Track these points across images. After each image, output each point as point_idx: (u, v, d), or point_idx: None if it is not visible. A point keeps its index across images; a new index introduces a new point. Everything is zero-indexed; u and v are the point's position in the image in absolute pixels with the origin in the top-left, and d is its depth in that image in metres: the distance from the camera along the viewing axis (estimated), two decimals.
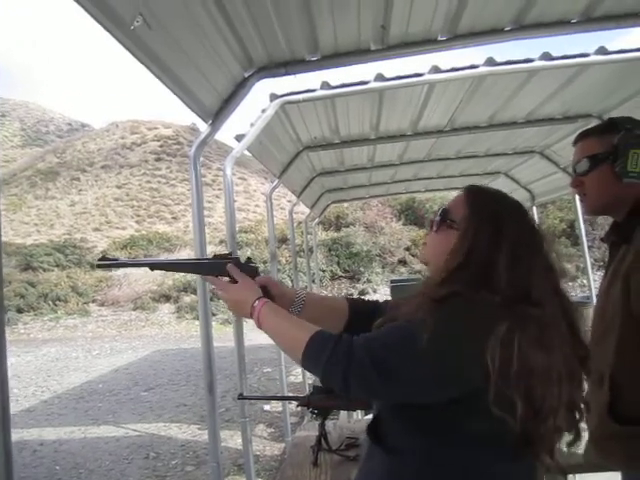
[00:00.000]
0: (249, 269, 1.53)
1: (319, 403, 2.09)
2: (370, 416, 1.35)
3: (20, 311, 19.61)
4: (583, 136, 1.69)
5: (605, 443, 1.50)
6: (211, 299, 2.44)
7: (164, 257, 24.33)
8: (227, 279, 1.50)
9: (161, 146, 39.91)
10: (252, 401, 6.20)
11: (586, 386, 1.22)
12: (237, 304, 1.42)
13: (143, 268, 1.67)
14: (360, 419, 3.53)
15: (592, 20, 2.42)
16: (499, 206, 1.24)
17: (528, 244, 1.17)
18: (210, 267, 1.56)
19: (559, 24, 2.46)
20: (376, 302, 1.64)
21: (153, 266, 1.64)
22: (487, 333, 1.03)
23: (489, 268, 1.13)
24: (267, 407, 7.18)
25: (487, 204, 1.24)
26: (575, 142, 1.71)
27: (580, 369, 1.15)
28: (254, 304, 1.35)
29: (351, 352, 1.11)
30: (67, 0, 1.52)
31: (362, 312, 1.53)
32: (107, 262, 1.57)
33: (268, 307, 1.34)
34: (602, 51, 2.82)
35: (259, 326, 1.34)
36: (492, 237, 1.16)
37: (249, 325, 1.82)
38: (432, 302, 1.11)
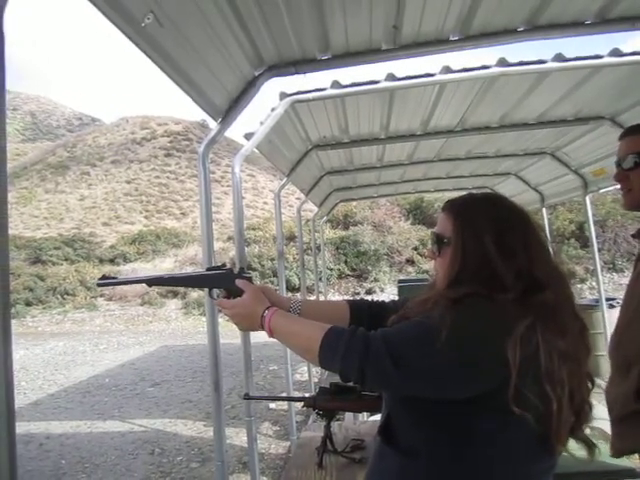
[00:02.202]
0: (243, 279, 1.53)
1: (325, 404, 2.08)
2: (376, 417, 1.35)
3: (29, 304, 19.77)
4: (631, 132, 1.70)
5: (627, 423, 1.53)
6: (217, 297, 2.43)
7: (172, 252, 24.49)
8: (218, 291, 1.52)
9: (171, 142, 40.07)
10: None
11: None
12: (246, 318, 1.43)
13: (151, 263, 1.69)
14: (366, 420, 3.51)
15: (607, 21, 2.39)
16: (473, 206, 1.27)
17: (512, 227, 1.19)
18: (205, 280, 1.58)
19: (573, 25, 2.43)
20: (381, 302, 1.63)
21: (150, 282, 1.67)
22: (507, 332, 1.03)
23: (487, 267, 1.14)
24: (273, 405, 7.18)
25: (464, 210, 1.28)
26: (621, 137, 1.72)
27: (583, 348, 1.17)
28: (264, 314, 1.35)
29: (367, 343, 1.11)
30: None
31: (363, 313, 1.54)
32: (107, 281, 1.60)
33: (278, 314, 1.34)
34: (616, 53, 2.78)
35: (271, 335, 1.34)
36: (476, 237, 1.18)
37: None
38: (449, 300, 1.12)
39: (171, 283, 1.75)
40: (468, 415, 1.10)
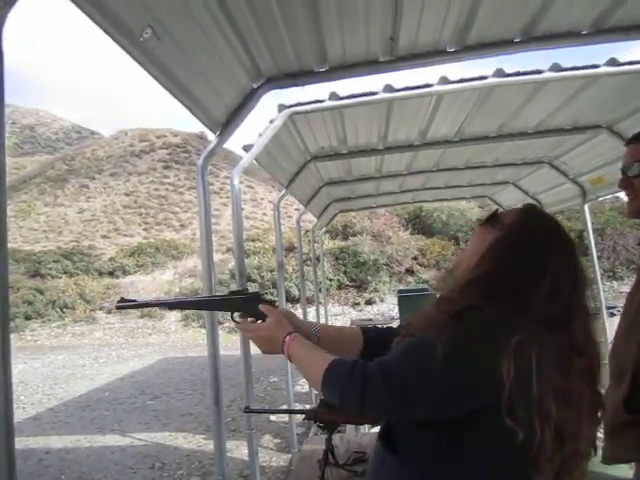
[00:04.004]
0: (265, 303, 1.53)
1: (326, 417, 2.07)
2: (378, 429, 1.35)
3: (28, 318, 19.69)
4: (636, 139, 1.71)
5: (618, 433, 1.53)
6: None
7: (172, 264, 24.45)
8: (238, 314, 1.51)
9: (169, 154, 40.15)
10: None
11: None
12: (268, 342, 1.44)
13: (151, 276, 1.69)
14: (367, 432, 3.49)
15: (602, 32, 2.41)
16: (552, 232, 1.23)
17: (572, 280, 1.16)
18: (229, 304, 1.56)
19: (569, 35, 2.45)
20: (392, 328, 1.64)
21: (172, 306, 1.70)
22: (501, 347, 1.03)
23: (524, 290, 1.12)
24: (273, 417, 7.13)
25: (541, 225, 1.24)
26: (627, 144, 1.73)
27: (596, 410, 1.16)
28: (285, 339, 1.37)
29: (365, 376, 1.13)
30: (76, 11, 1.52)
31: (377, 339, 1.53)
32: (125, 304, 1.58)
33: (296, 341, 1.37)
34: (613, 62, 2.80)
35: (289, 360, 1.37)
36: (536, 262, 1.16)
37: None
38: (447, 317, 1.11)
39: (193, 307, 1.76)
40: (463, 430, 1.10)
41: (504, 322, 1.06)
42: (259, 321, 1.47)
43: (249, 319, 1.51)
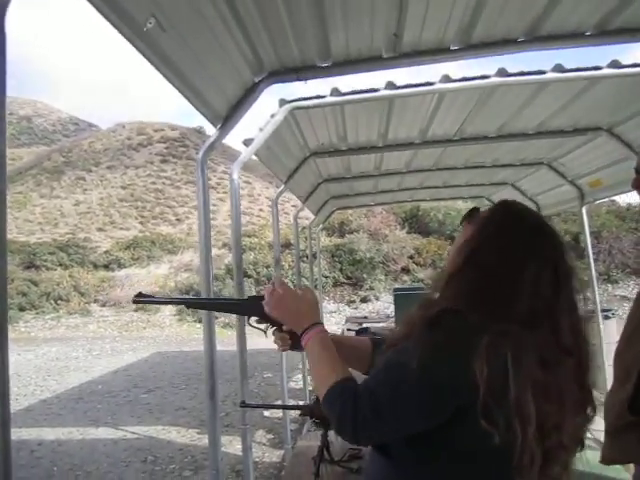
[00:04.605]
0: None
1: (322, 412, 2.06)
2: None
3: (22, 309, 19.64)
4: None
5: (621, 434, 1.54)
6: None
7: (167, 258, 24.41)
8: (255, 319, 1.48)
9: (167, 148, 40.05)
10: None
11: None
12: (292, 314, 1.38)
13: (146, 269, 1.69)
14: None
15: (607, 33, 2.39)
16: (531, 226, 1.21)
17: (555, 275, 1.14)
18: (246, 308, 1.54)
19: (573, 36, 2.43)
20: None
21: (189, 305, 1.72)
22: (474, 348, 1.02)
23: (497, 287, 1.11)
24: (267, 413, 7.14)
25: (517, 218, 1.23)
26: None
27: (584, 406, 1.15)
28: (309, 328, 1.32)
29: (355, 412, 1.11)
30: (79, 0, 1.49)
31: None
32: (143, 299, 1.57)
33: (319, 337, 1.31)
34: (615, 64, 2.80)
35: (304, 345, 1.33)
36: (511, 256, 1.14)
37: (249, 330, 1.81)
38: (422, 324, 1.11)
39: (210, 308, 1.76)
40: (447, 431, 1.10)
41: (478, 323, 1.05)
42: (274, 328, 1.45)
43: (263, 325, 1.48)
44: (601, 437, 1.67)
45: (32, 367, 11.92)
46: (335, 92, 3.02)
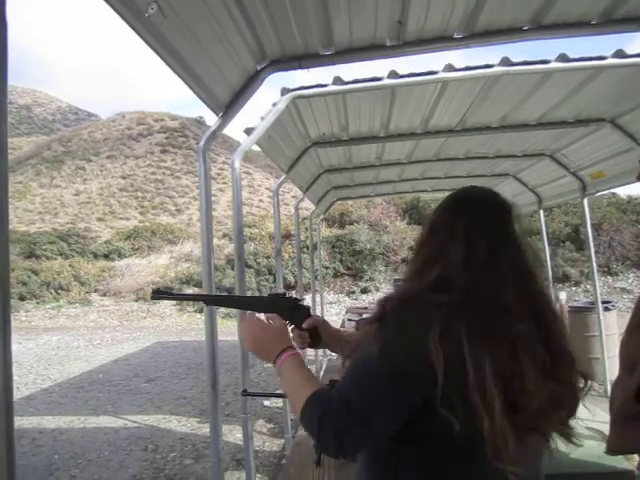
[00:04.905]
0: (303, 309, 1.53)
1: None
2: None
3: (22, 299, 19.67)
4: None
5: (627, 425, 1.54)
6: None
7: (167, 249, 24.41)
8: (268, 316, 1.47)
9: (167, 138, 39.98)
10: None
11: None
12: (261, 345, 1.37)
13: (146, 259, 1.69)
14: None
15: (612, 22, 2.38)
16: (467, 201, 1.27)
17: (493, 245, 1.13)
18: (265, 305, 1.54)
19: (578, 25, 2.42)
20: None
21: (208, 301, 1.73)
22: (424, 335, 1.01)
23: (441, 265, 1.13)
24: (267, 402, 7.15)
25: (456, 198, 1.31)
26: None
27: (559, 369, 1.10)
28: (280, 355, 1.30)
29: (338, 431, 1.06)
30: None
31: None
32: (161, 295, 1.57)
33: (288, 363, 1.29)
34: (620, 54, 2.78)
35: (278, 374, 1.31)
36: (444, 232, 1.19)
37: None
38: (374, 322, 1.12)
39: (230, 305, 1.76)
40: (416, 423, 1.08)
41: (425, 308, 1.06)
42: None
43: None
44: (604, 428, 1.67)
45: (33, 356, 11.95)
46: (337, 81, 3.00)
